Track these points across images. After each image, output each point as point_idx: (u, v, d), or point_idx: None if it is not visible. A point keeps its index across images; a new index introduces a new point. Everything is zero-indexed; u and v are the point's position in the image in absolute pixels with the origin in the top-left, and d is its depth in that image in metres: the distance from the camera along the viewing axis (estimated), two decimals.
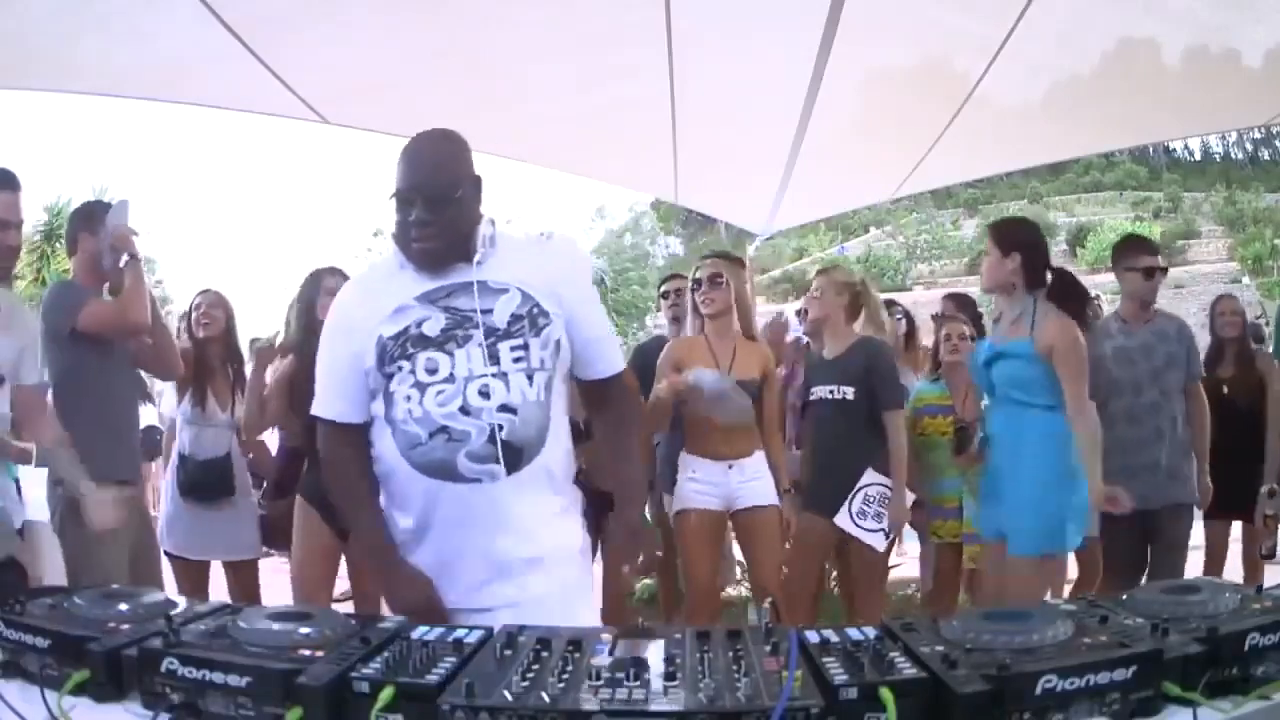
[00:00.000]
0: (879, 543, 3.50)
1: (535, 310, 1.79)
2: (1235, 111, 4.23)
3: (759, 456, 3.49)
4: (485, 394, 1.73)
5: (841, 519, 3.46)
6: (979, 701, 1.09)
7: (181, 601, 1.55)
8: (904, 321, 4.55)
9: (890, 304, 4.42)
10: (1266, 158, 44.17)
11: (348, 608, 3.35)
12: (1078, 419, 2.85)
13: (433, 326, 1.76)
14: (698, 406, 3.40)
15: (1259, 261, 29.08)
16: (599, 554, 2.16)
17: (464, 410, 1.73)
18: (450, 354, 1.75)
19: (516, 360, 1.75)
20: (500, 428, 1.73)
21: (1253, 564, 4.13)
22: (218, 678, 1.20)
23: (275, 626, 1.33)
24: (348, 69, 3.56)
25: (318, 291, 3.30)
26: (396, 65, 3.60)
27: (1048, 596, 2.84)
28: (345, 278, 3.32)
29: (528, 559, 1.78)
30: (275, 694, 1.17)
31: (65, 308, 2.87)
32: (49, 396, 2.69)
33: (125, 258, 2.92)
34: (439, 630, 1.36)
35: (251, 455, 3.83)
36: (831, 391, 3.53)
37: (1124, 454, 3.44)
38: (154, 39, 3.08)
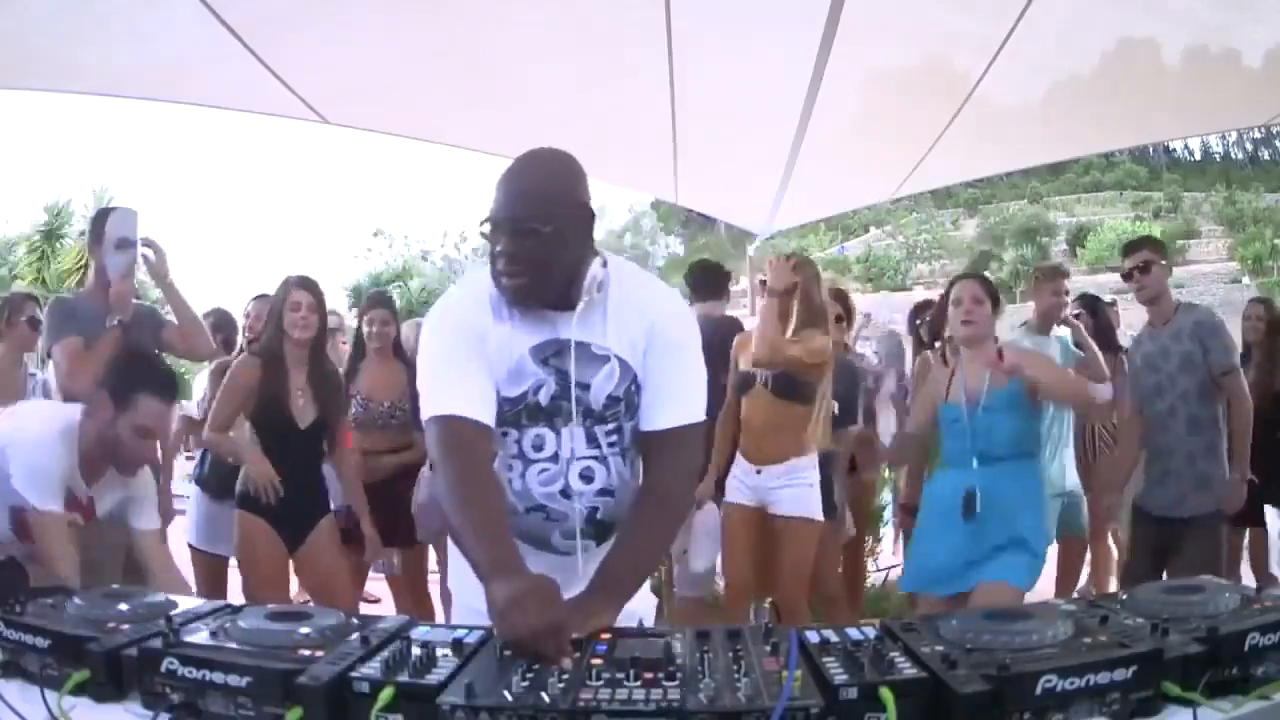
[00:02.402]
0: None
1: (632, 388, 1.67)
2: (1235, 111, 4.23)
3: (793, 464, 3.35)
4: (588, 478, 1.68)
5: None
6: (979, 701, 1.09)
7: (183, 601, 1.55)
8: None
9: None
10: (1266, 158, 44.22)
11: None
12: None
13: (545, 394, 1.65)
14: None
15: (1259, 261, 29.10)
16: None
17: (564, 493, 1.67)
18: (557, 431, 1.66)
19: (611, 444, 1.69)
20: (597, 510, 1.69)
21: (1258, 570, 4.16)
22: (218, 678, 1.20)
23: (275, 626, 1.33)
24: (348, 69, 3.56)
25: (285, 302, 3.26)
26: (396, 65, 3.61)
27: None
28: (311, 291, 3.27)
29: None
30: (275, 694, 1.17)
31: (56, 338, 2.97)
32: None
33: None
34: (439, 630, 1.36)
35: None
36: None
37: (1154, 461, 3.39)
38: (154, 39, 3.09)
